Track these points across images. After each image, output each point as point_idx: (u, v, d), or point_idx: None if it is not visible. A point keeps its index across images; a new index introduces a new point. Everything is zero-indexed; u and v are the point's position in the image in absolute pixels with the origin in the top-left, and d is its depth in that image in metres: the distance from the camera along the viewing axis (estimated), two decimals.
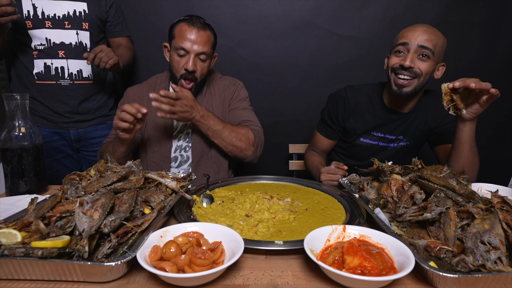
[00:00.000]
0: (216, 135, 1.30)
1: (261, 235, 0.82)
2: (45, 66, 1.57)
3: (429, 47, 1.21)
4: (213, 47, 1.38)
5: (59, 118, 1.66)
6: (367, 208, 0.92)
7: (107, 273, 0.61)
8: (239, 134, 1.34)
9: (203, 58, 1.34)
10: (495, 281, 0.59)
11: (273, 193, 1.13)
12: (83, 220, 0.68)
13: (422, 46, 1.22)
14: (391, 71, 1.30)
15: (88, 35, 1.61)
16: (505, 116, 2.09)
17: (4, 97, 1.07)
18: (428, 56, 1.23)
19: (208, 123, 1.28)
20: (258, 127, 1.44)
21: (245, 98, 1.53)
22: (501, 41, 1.97)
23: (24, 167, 1.09)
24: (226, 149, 1.34)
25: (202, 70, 1.36)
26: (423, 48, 1.22)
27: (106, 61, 1.46)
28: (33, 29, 1.52)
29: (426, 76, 1.26)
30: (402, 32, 1.29)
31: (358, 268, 0.61)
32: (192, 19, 1.32)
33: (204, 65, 1.36)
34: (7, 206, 0.96)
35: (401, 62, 1.25)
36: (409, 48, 1.24)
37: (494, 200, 0.77)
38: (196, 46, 1.30)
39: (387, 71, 1.34)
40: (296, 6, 1.93)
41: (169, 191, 0.99)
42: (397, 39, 1.30)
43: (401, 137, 1.45)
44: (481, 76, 2.04)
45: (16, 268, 0.61)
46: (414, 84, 1.26)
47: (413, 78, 1.26)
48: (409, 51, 1.24)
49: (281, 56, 2.01)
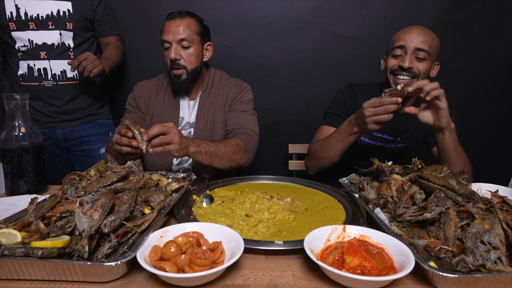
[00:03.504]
0: (213, 156, 1.21)
1: (261, 235, 0.82)
2: (29, 67, 1.56)
3: (425, 48, 1.25)
4: (199, 34, 1.37)
5: (45, 118, 1.64)
6: (367, 208, 0.92)
7: (107, 273, 0.62)
8: (232, 146, 1.28)
9: (186, 45, 1.33)
10: (495, 281, 0.59)
11: (273, 193, 1.13)
12: (83, 220, 0.68)
13: (419, 49, 1.25)
14: (390, 73, 1.32)
15: (72, 35, 1.59)
16: (505, 116, 2.09)
17: (4, 97, 1.07)
18: (425, 58, 1.26)
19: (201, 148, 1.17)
20: (252, 131, 1.41)
21: (248, 101, 1.51)
22: (501, 41, 1.97)
23: (24, 167, 1.09)
24: (225, 166, 1.26)
25: (188, 58, 1.35)
26: (420, 50, 1.25)
27: (90, 70, 1.45)
28: (17, 31, 1.51)
29: (424, 75, 1.29)
30: (398, 35, 1.31)
31: (358, 268, 0.61)
32: (172, 13, 1.35)
33: (190, 52, 1.35)
34: (7, 206, 0.96)
35: (400, 63, 1.27)
36: (407, 50, 1.27)
37: (494, 200, 0.77)
38: (175, 34, 1.31)
39: (385, 72, 1.36)
40: (296, 6, 1.93)
41: (169, 191, 0.99)
42: (394, 42, 1.32)
43: (398, 139, 1.46)
44: (481, 76, 2.07)
45: (16, 268, 0.61)
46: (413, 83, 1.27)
47: (412, 78, 1.28)
48: (406, 53, 1.27)
49: (281, 56, 2.01)
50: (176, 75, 1.37)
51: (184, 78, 1.37)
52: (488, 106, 2.08)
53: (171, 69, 1.37)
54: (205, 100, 1.46)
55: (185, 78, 1.37)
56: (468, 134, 2.12)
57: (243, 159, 1.33)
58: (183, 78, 1.37)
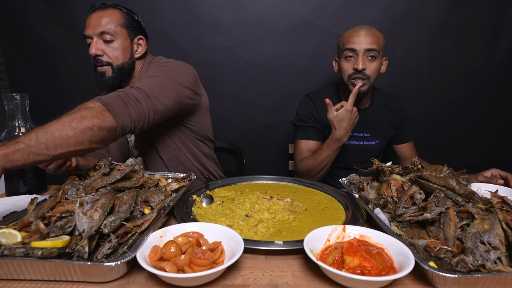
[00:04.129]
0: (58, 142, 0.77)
1: (261, 235, 0.82)
2: None
3: (375, 48, 1.35)
4: (124, 26, 1.23)
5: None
6: (367, 208, 0.92)
7: (107, 273, 0.62)
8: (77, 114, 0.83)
9: (109, 39, 1.20)
10: (494, 281, 0.59)
11: (273, 193, 1.13)
12: (83, 221, 0.68)
13: (369, 49, 1.35)
14: (348, 78, 1.41)
15: None
16: (505, 116, 2.09)
17: (4, 97, 1.07)
18: (375, 57, 1.37)
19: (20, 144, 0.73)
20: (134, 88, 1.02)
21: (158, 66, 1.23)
22: (502, 41, 1.97)
23: (24, 167, 1.09)
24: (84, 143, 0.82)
25: (112, 53, 1.22)
26: (370, 50, 1.35)
27: None
28: None
29: (375, 74, 1.40)
30: (347, 38, 1.39)
31: (358, 268, 0.61)
32: (94, 5, 1.23)
33: (113, 47, 1.22)
34: (7, 206, 0.96)
35: (354, 66, 1.37)
36: (358, 53, 1.36)
37: (494, 200, 0.77)
38: (95, 26, 1.19)
39: (341, 75, 1.45)
40: (296, 6, 1.93)
41: (169, 191, 0.99)
42: (343, 44, 1.40)
43: (368, 134, 1.54)
44: (481, 76, 2.07)
45: (16, 268, 0.61)
46: (368, 83, 1.40)
47: (365, 79, 1.39)
48: (358, 55, 1.36)
49: (281, 56, 2.01)
50: (100, 72, 1.23)
51: (109, 76, 1.23)
52: (488, 106, 2.08)
53: (94, 67, 1.23)
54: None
55: (110, 75, 1.24)
56: (468, 134, 2.12)
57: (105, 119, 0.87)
58: (107, 76, 1.24)
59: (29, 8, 1.88)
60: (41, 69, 2.00)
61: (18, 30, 1.93)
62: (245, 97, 2.05)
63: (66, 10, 1.89)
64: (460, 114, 2.09)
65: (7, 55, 1.99)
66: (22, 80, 2.02)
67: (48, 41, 1.94)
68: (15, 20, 1.91)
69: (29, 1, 1.87)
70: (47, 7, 1.89)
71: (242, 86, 2.04)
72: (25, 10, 1.89)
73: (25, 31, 1.93)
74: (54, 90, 2.02)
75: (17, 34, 1.94)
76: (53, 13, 1.90)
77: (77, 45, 1.93)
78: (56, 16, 1.91)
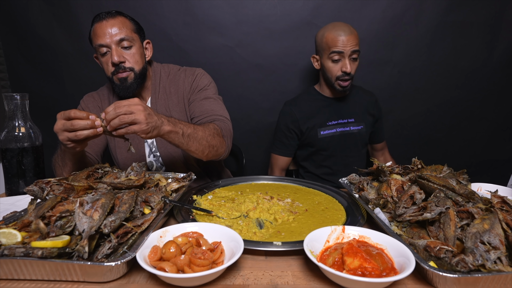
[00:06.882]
0: (191, 138, 1.05)
1: (260, 235, 0.82)
2: None
3: (358, 49, 1.47)
4: (136, 31, 1.27)
5: None
6: (367, 208, 0.92)
7: (107, 273, 0.62)
8: (210, 130, 1.13)
9: (127, 45, 1.22)
10: (494, 281, 0.59)
11: (274, 193, 1.13)
12: (83, 221, 0.68)
13: (354, 51, 1.46)
14: (335, 79, 1.51)
15: None
16: (504, 116, 2.09)
17: (4, 97, 1.07)
18: (357, 57, 1.49)
19: (178, 128, 1.01)
20: (222, 116, 1.27)
21: (206, 86, 1.36)
22: (501, 41, 1.97)
23: (24, 167, 1.09)
24: (204, 153, 1.11)
25: (132, 58, 1.24)
26: (355, 52, 1.47)
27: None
28: None
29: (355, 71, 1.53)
30: (333, 40, 1.45)
31: (359, 269, 0.61)
32: (99, 15, 1.22)
33: (133, 52, 1.24)
34: (7, 206, 0.96)
35: (343, 69, 1.47)
36: (344, 55, 1.46)
37: (494, 200, 0.77)
38: (112, 36, 1.19)
39: (326, 74, 1.54)
40: (296, 6, 1.93)
41: (169, 191, 0.99)
42: (329, 46, 1.47)
43: (352, 120, 1.62)
44: (481, 76, 2.07)
45: (16, 268, 0.61)
46: (351, 81, 1.53)
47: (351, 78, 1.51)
48: (344, 57, 1.46)
49: (281, 56, 2.01)
50: (122, 78, 1.24)
51: (131, 81, 1.25)
52: (488, 106, 2.08)
53: (115, 74, 1.23)
54: (156, 104, 1.34)
55: (132, 81, 1.25)
56: (468, 134, 2.12)
57: (222, 145, 1.18)
58: (130, 81, 1.25)
59: (30, 7, 1.88)
60: (42, 69, 2.00)
61: (19, 30, 1.93)
62: (245, 97, 2.05)
63: (67, 10, 1.89)
64: (459, 114, 2.09)
65: (8, 55, 1.99)
66: (23, 79, 2.02)
67: (49, 40, 1.94)
68: (16, 19, 1.91)
69: (30, 1, 1.87)
70: (48, 6, 1.88)
71: (242, 86, 2.04)
72: (26, 10, 1.89)
73: (26, 31, 1.93)
74: (55, 90, 2.02)
75: (18, 34, 1.94)
76: (54, 12, 1.90)
77: (78, 45, 1.93)
78: (57, 16, 1.90)
